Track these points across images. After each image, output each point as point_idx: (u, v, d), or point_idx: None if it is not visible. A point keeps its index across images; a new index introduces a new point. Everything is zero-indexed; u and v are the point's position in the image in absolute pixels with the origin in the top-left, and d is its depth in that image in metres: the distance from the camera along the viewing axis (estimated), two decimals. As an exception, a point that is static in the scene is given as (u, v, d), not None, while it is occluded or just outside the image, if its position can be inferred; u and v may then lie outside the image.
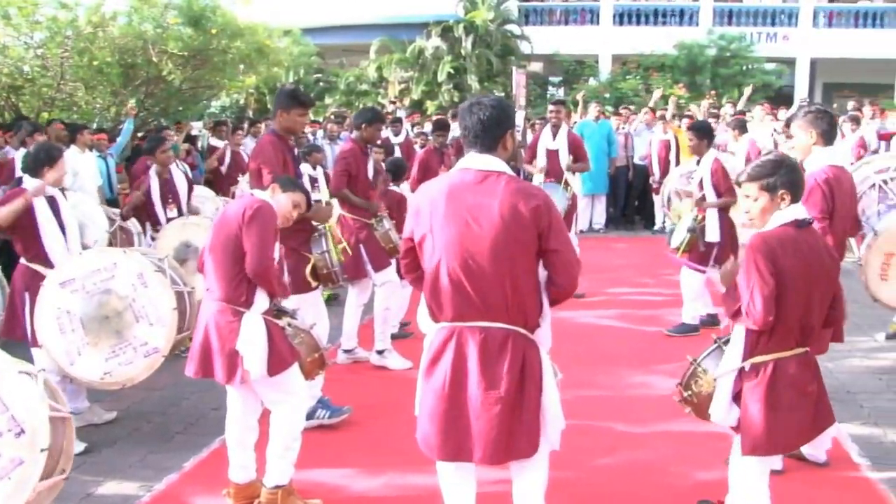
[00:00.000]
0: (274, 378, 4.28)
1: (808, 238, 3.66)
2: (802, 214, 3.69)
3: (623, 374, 6.56)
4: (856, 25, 31.76)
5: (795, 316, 3.60)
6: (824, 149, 4.95)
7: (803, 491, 4.66)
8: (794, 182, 3.69)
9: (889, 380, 6.54)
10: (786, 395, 3.63)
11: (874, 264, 6.14)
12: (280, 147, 5.48)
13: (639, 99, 22.88)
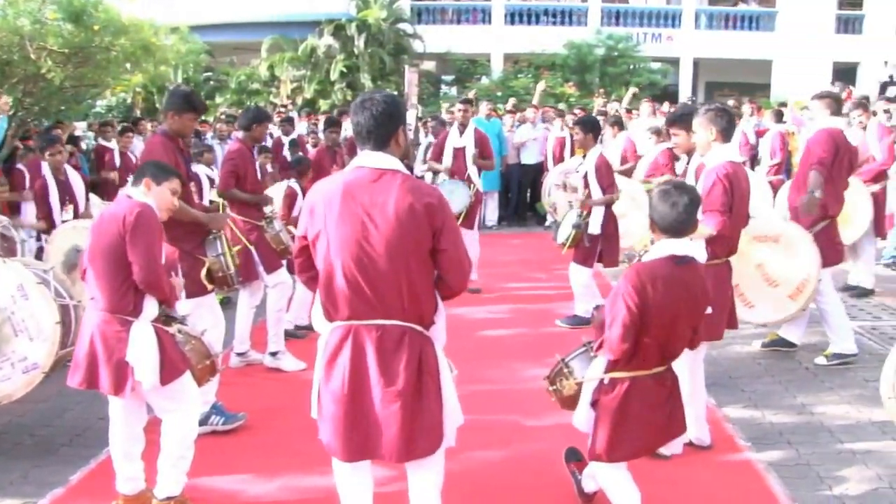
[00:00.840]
0: (166, 387, 4.19)
1: (683, 275, 3.77)
2: (682, 251, 3.80)
3: (516, 368, 6.66)
4: (734, 27, 33.00)
5: (657, 343, 3.77)
6: (723, 145, 5.12)
7: (688, 473, 4.84)
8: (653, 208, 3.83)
9: (767, 364, 6.84)
10: (637, 411, 3.81)
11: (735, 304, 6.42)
12: (170, 148, 5.37)
13: (530, 97, 23.23)
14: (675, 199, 3.77)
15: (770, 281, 6.46)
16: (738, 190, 4.99)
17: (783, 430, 5.48)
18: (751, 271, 6.42)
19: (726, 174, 4.94)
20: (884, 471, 4.83)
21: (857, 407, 5.75)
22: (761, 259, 6.46)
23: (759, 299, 6.48)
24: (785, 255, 6.46)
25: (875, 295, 8.92)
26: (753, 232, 6.38)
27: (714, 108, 5.20)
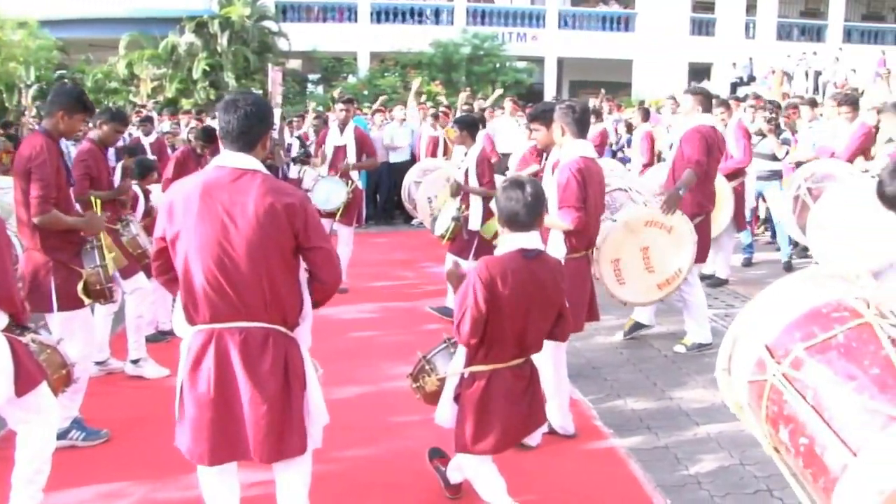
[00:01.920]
0: (22, 398, 3.96)
1: (533, 268, 3.82)
2: (531, 245, 3.85)
3: (384, 367, 6.64)
4: (596, 28, 33.98)
5: (512, 337, 3.82)
6: (576, 141, 5.21)
7: (554, 462, 4.95)
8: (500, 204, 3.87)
9: (629, 354, 7.08)
10: (498, 403, 3.86)
11: (607, 273, 6.56)
12: (53, 150, 5.04)
13: (397, 96, 23.26)
14: (517, 195, 3.80)
15: (648, 265, 6.65)
16: (591, 184, 5.11)
17: (643, 417, 5.68)
18: (635, 251, 6.59)
19: (579, 169, 5.04)
20: (735, 449, 5.07)
21: (711, 391, 5.99)
22: (649, 243, 6.62)
23: (632, 279, 6.65)
24: (670, 246, 6.66)
25: (728, 284, 9.35)
26: (653, 216, 6.60)
27: (565, 105, 5.29)
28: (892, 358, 2.94)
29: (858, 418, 2.90)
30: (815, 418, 3.02)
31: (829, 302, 3.30)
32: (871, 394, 2.90)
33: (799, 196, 7.79)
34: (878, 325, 3.10)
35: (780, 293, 3.49)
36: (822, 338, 3.15)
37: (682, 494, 4.57)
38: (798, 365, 3.18)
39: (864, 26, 36.77)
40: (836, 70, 29.73)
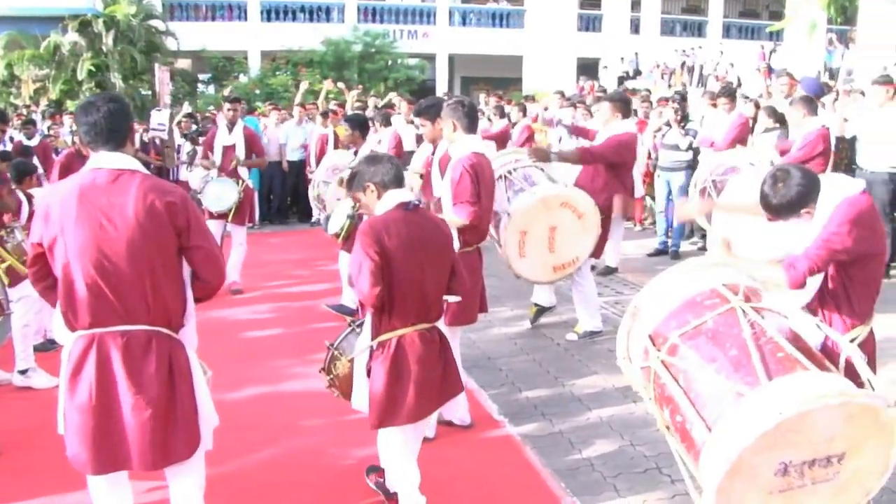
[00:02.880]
0: None
1: (416, 219, 3.92)
2: (407, 198, 3.95)
3: (281, 366, 6.60)
4: (487, 24, 34.31)
5: (411, 293, 3.86)
6: (467, 136, 5.27)
7: (452, 453, 5.04)
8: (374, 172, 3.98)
9: (523, 344, 7.23)
10: (409, 369, 3.88)
11: (512, 243, 6.69)
12: None
13: (289, 94, 23.04)
14: (383, 157, 4.02)
15: (551, 246, 6.80)
16: (483, 179, 5.19)
17: (538, 404, 5.82)
18: (544, 228, 6.73)
19: (472, 164, 5.11)
20: (626, 431, 5.27)
21: (603, 376, 6.18)
22: (558, 223, 6.76)
23: (533, 255, 6.80)
24: (577, 231, 6.83)
25: (618, 272, 9.62)
26: (569, 198, 6.75)
27: (453, 101, 5.36)
28: (747, 339, 3.21)
29: (715, 396, 3.18)
30: (685, 398, 3.30)
31: (703, 290, 3.57)
32: (727, 373, 3.18)
33: (706, 189, 8.10)
34: (740, 310, 3.38)
35: (665, 284, 3.75)
36: (694, 324, 3.45)
37: (576, 477, 4.72)
38: (674, 351, 3.46)
39: (742, 22, 38.18)
40: (719, 63, 30.81)
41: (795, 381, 3.02)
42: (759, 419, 2.89)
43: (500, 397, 5.95)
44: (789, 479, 3.01)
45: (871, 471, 3.13)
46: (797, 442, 2.94)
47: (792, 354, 3.16)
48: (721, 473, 2.92)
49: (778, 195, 3.57)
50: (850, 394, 2.95)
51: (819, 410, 2.89)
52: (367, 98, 17.57)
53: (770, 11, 37.98)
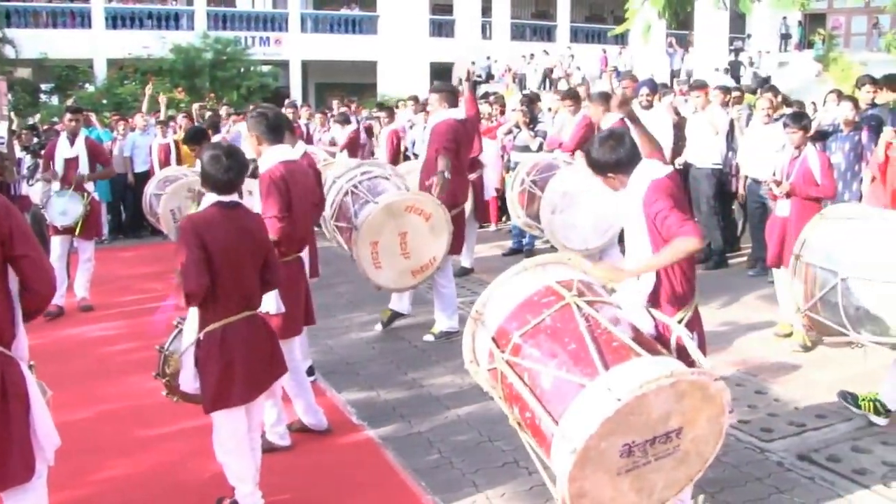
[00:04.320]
0: None
1: (234, 216, 4.07)
2: (226, 198, 4.06)
3: (134, 382, 6.40)
4: (340, 31, 34.22)
5: (233, 285, 4.00)
6: (272, 148, 5.12)
7: (309, 459, 5.05)
8: (204, 172, 4.07)
9: (381, 347, 7.28)
10: (237, 353, 4.02)
11: (365, 256, 6.75)
12: None
13: (137, 104, 22.34)
14: (221, 163, 4.01)
15: (405, 251, 6.89)
16: (294, 187, 5.08)
17: (396, 406, 5.88)
18: (394, 236, 6.81)
19: (280, 176, 5.00)
20: (483, 427, 5.38)
21: (460, 375, 6.28)
22: (408, 228, 6.85)
23: (388, 264, 6.88)
24: (428, 233, 6.93)
25: (474, 273, 9.81)
26: (414, 202, 6.84)
27: (258, 113, 5.19)
28: (583, 333, 3.37)
29: (559, 390, 3.32)
30: (531, 396, 3.42)
31: (539, 289, 3.72)
32: (568, 367, 3.33)
33: (525, 189, 8.37)
34: (575, 305, 3.54)
35: (503, 286, 3.87)
36: (533, 323, 3.58)
37: (436, 476, 4.80)
38: (517, 351, 3.58)
39: (588, 27, 39.52)
40: (569, 66, 31.80)
41: (630, 368, 3.19)
42: (600, 407, 3.04)
43: (358, 401, 5.98)
44: (634, 458, 3.19)
45: (707, 440, 3.36)
46: (638, 423, 3.11)
47: (626, 343, 3.34)
48: (570, 462, 3.05)
49: (601, 151, 3.82)
50: (680, 373, 3.14)
51: (653, 393, 3.06)
52: (220, 106, 17.25)
53: (615, 17, 39.46)
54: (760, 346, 6.98)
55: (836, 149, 8.61)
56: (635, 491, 3.28)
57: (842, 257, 4.86)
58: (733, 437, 5.13)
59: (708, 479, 4.39)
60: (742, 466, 4.76)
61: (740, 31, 35.08)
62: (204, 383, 4.03)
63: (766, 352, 6.81)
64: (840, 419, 5.41)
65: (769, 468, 4.76)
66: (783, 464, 4.81)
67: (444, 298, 7.36)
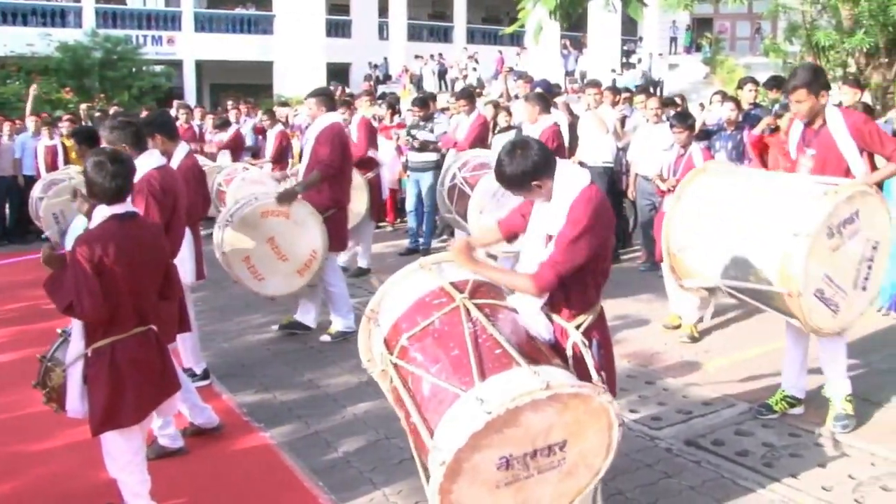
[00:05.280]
0: None
1: (131, 230, 3.87)
2: (121, 210, 3.87)
3: (19, 392, 6.17)
4: (235, 30, 33.71)
5: (128, 302, 3.82)
6: (143, 155, 5.00)
7: (207, 464, 4.98)
8: (90, 181, 3.86)
9: (276, 349, 7.21)
10: (127, 372, 3.83)
11: (244, 274, 6.75)
12: None
13: (23, 104, 21.52)
14: (107, 171, 3.81)
15: (280, 255, 6.83)
16: (170, 192, 5.06)
17: (293, 407, 5.84)
18: (262, 244, 6.75)
19: (156, 183, 4.98)
20: (380, 426, 5.38)
21: (356, 375, 6.26)
22: (273, 233, 6.79)
23: (270, 273, 6.83)
24: (295, 230, 6.88)
25: (371, 273, 9.81)
26: (267, 206, 6.76)
27: (121, 121, 5.08)
28: (467, 338, 3.26)
29: (437, 398, 3.20)
30: (412, 402, 3.31)
31: (432, 290, 3.60)
32: (447, 374, 3.21)
33: (456, 185, 8.37)
34: (463, 308, 3.42)
35: (398, 284, 3.79)
36: (422, 326, 3.46)
37: (333, 475, 4.79)
38: (404, 354, 3.47)
39: (485, 28, 39.95)
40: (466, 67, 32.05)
41: (506, 379, 3.06)
42: (471, 420, 2.93)
43: (254, 404, 5.92)
44: (514, 471, 3.07)
45: (596, 453, 3.26)
46: (514, 436, 3.00)
47: (508, 351, 3.20)
48: (440, 475, 2.95)
49: (514, 163, 3.52)
50: (558, 386, 3.02)
51: (528, 406, 2.95)
52: (110, 107, 16.78)
53: (511, 18, 39.97)
54: (651, 338, 7.19)
55: (719, 147, 8.93)
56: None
57: (717, 208, 4.95)
58: (625, 427, 5.26)
59: (600, 468, 4.53)
60: (633, 454, 4.89)
61: (632, 34, 35.97)
62: (92, 404, 3.82)
63: (656, 344, 7.02)
64: (724, 405, 5.63)
65: (658, 455, 4.92)
66: (671, 450, 4.97)
67: (334, 298, 7.35)
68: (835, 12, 10.03)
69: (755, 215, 4.75)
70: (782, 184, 5.03)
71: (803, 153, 5.28)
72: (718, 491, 4.45)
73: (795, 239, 4.46)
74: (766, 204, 4.78)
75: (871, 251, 4.77)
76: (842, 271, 4.67)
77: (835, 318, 4.75)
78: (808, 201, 4.59)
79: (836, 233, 4.55)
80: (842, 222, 4.56)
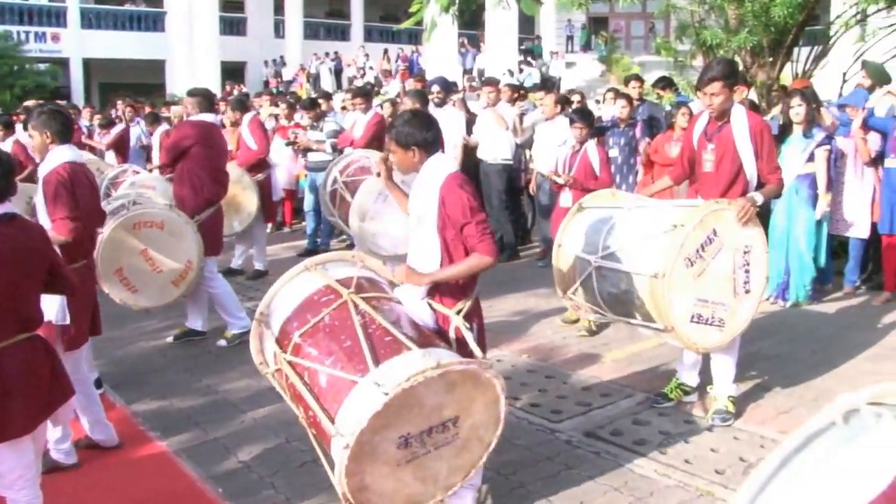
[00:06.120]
0: None
1: (11, 232, 3.67)
2: (3, 210, 3.69)
3: None
4: (124, 27, 32.77)
5: (9, 308, 3.61)
6: (61, 147, 4.96)
7: (103, 476, 4.83)
8: None
9: (173, 355, 7.04)
10: (17, 382, 3.63)
11: (117, 288, 6.53)
12: None
13: None
14: None
15: (154, 266, 6.65)
16: (80, 189, 4.94)
17: (191, 414, 5.71)
18: (135, 256, 6.55)
19: (68, 177, 4.85)
20: (280, 429, 5.32)
21: (255, 378, 6.12)
22: (146, 244, 6.60)
23: (144, 285, 6.64)
24: (169, 240, 6.70)
25: (269, 275, 9.64)
26: (139, 217, 6.57)
27: (47, 110, 5.05)
28: (357, 329, 3.45)
29: (334, 388, 3.38)
30: (311, 395, 3.46)
31: (319, 288, 3.79)
32: (342, 364, 3.40)
33: (336, 190, 8.29)
34: (351, 302, 3.62)
35: (286, 285, 3.94)
36: (312, 323, 3.63)
37: (233, 482, 4.70)
38: (297, 351, 3.63)
39: (382, 26, 39.88)
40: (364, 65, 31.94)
41: (399, 362, 3.27)
42: (369, 403, 3.11)
43: (150, 412, 5.76)
44: (413, 449, 3.26)
45: (486, 425, 3.47)
46: (411, 415, 3.19)
47: (398, 337, 3.42)
48: (345, 458, 3.10)
49: (413, 125, 3.88)
50: (447, 364, 3.22)
51: (422, 385, 3.14)
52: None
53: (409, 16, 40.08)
54: (550, 332, 7.30)
55: (612, 143, 9.13)
56: (419, 480, 3.36)
57: (597, 245, 5.15)
58: (525, 421, 5.36)
59: (502, 462, 4.59)
60: (534, 448, 4.96)
61: (530, 33, 36.45)
62: None
63: (555, 338, 7.13)
64: (622, 396, 5.75)
65: (559, 447, 4.99)
66: (571, 442, 5.05)
67: (221, 300, 7.24)
68: (721, 12, 10.35)
69: (625, 255, 4.99)
70: (644, 217, 5.18)
71: (705, 148, 5.40)
72: (617, 479, 4.55)
73: (655, 280, 4.70)
74: (631, 243, 5.00)
75: (743, 257, 4.97)
76: (714, 289, 4.88)
77: (723, 332, 4.98)
78: (661, 239, 4.80)
79: (695, 260, 4.76)
80: (699, 248, 4.77)
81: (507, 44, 32.00)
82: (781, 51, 10.05)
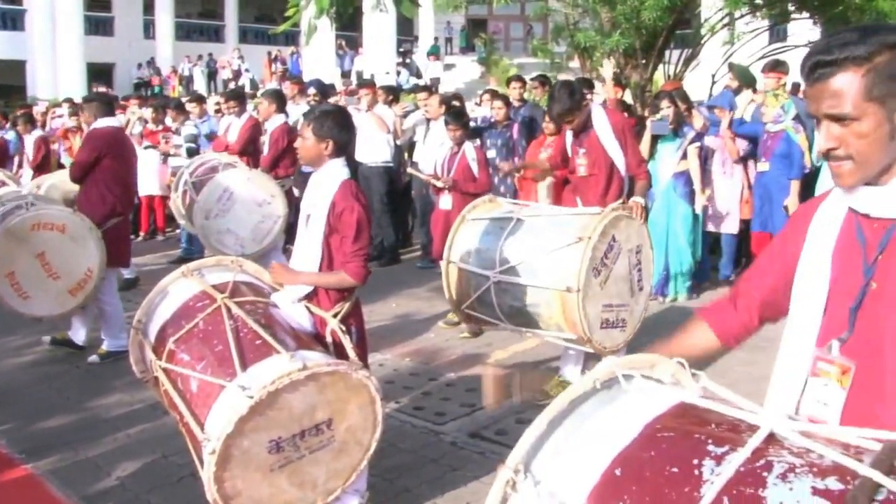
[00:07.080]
0: None
1: None
2: None
3: None
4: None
5: None
6: None
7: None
8: None
9: (40, 373, 6.67)
10: None
11: (7, 292, 6.20)
12: None
13: None
14: None
15: (51, 272, 6.31)
16: None
17: (60, 434, 5.43)
18: (30, 260, 6.22)
19: None
20: (157, 445, 5.12)
21: (130, 394, 5.93)
22: (44, 248, 6.27)
23: (37, 291, 6.30)
24: (70, 247, 6.37)
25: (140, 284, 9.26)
26: (37, 219, 6.24)
27: None
28: (228, 334, 3.42)
29: (204, 393, 3.34)
30: (183, 401, 3.41)
31: (195, 294, 3.74)
32: (213, 369, 3.36)
33: (186, 191, 8.14)
34: (224, 307, 3.60)
35: (162, 293, 3.90)
36: (187, 328, 3.59)
37: (107, 501, 4.51)
38: (171, 357, 3.58)
39: (258, 27, 39.21)
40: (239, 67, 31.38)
41: (266, 366, 3.25)
42: (235, 407, 3.08)
43: (14, 434, 5.44)
44: (286, 453, 3.23)
45: (363, 428, 3.45)
46: (281, 419, 3.17)
47: (268, 341, 3.39)
48: (212, 464, 3.06)
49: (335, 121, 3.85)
50: (315, 366, 3.21)
51: (289, 387, 3.13)
52: None
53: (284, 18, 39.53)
54: (432, 335, 7.31)
55: (490, 144, 9.21)
56: (296, 486, 3.32)
57: (492, 259, 5.16)
58: (409, 424, 5.34)
59: (386, 466, 4.56)
60: (419, 451, 4.94)
61: (409, 35, 36.49)
62: None
63: (438, 340, 7.14)
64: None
65: (444, 449, 4.99)
66: (456, 443, 5.06)
67: (108, 317, 6.94)
68: (595, 15, 10.58)
69: (527, 269, 5.02)
70: (541, 228, 5.22)
71: (577, 154, 5.62)
72: (502, 480, 4.56)
73: (569, 294, 4.77)
74: (533, 256, 5.03)
75: (636, 256, 5.15)
76: (616, 292, 5.03)
77: (624, 332, 5.15)
78: (566, 251, 4.87)
79: (601, 269, 4.88)
80: (602, 257, 4.89)
81: (385, 46, 31.97)
82: (653, 53, 10.36)
